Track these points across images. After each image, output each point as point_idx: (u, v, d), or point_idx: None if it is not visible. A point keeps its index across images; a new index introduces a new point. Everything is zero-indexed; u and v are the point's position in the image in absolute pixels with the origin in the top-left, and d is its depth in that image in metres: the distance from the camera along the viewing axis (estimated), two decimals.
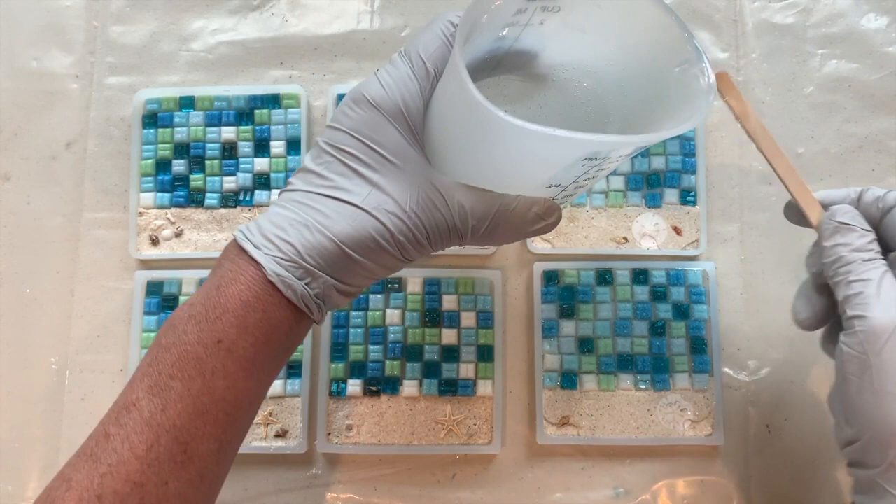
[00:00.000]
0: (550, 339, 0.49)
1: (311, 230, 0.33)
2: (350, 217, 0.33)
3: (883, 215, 0.36)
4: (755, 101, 0.53)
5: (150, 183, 0.52)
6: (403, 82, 0.33)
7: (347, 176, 0.34)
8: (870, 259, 0.35)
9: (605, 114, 0.37)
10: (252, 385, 0.34)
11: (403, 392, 0.49)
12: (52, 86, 0.54)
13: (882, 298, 0.33)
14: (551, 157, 0.31)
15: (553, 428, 0.49)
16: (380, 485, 0.49)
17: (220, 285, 0.34)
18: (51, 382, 0.50)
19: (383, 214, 0.33)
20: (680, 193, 0.51)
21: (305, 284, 0.33)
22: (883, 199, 0.36)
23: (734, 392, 0.49)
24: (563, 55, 0.36)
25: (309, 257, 0.33)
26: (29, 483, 0.49)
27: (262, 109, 0.52)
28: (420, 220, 0.34)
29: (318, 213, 0.33)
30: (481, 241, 0.36)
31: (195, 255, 0.51)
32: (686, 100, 0.32)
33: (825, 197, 0.38)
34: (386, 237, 0.33)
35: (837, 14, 0.54)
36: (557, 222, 0.36)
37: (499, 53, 0.36)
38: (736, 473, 0.49)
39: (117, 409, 0.33)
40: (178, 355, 0.33)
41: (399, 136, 0.34)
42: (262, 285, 0.33)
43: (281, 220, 0.34)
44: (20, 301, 0.51)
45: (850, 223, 0.36)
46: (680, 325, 0.49)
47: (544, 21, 0.34)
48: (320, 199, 0.33)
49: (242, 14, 0.55)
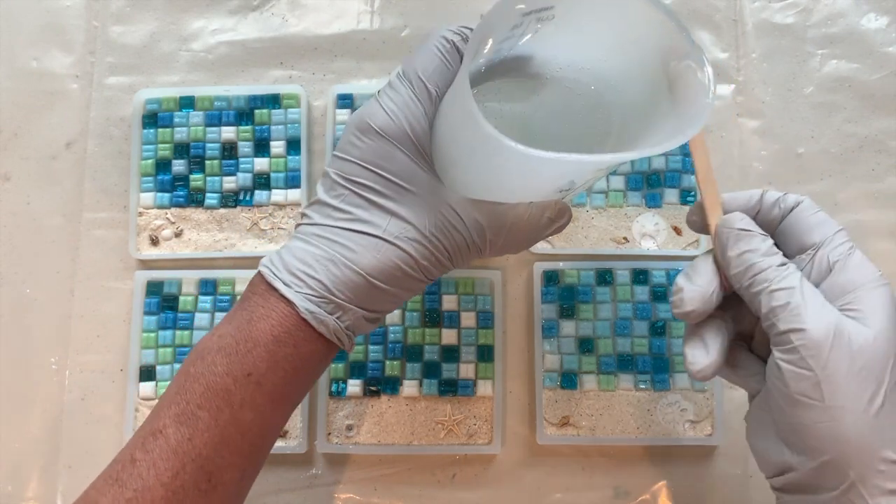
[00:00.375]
0: (550, 339, 0.49)
1: (338, 265, 0.34)
2: (374, 249, 0.34)
3: (783, 216, 0.35)
4: (755, 101, 0.53)
5: (150, 183, 0.52)
6: (407, 106, 0.34)
7: (365, 207, 0.34)
8: (782, 264, 0.32)
9: (606, 111, 0.37)
10: (278, 416, 0.35)
11: (403, 392, 0.49)
12: (52, 86, 0.54)
13: (810, 306, 0.31)
14: (560, 173, 0.32)
15: (553, 428, 0.49)
16: (380, 485, 0.49)
17: (252, 319, 0.34)
18: (51, 382, 0.50)
19: (405, 242, 0.34)
20: (680, 193, 0.51)
21: (336, 318, 0.34)
22: (783, 199, 0.35)
23: (734, 392, 0.49)
24: (559, 55, 0.36)
25: (338, 292, 0.34)
26: (29, 483, 0.49)
27: (262, 109, 0.52)
28: (441, 241, 0.34)
29: (343, 248, 0.34)
30: (500, 252, 0.37)
31: (195, 255, 0.51)
32: (685, 97, 0.32)
33: (729, 200, 0.36)
34: (410, 264, 0.34)
35: (837, 14, 0.54)
36: (569, 222, 0.37)
37: (494, 62, 0.36)
38: (736, 473, 0.48)
39: (144, 435, 0.33)
40: (207, 386, 0.33)
41: (409, 161, 0.34)
42: (294, 322, 0.34)
43: (306, 255, 0.34)
44: (20, 301, 0.51)
45: (750, 229, 0.33)
46: (680, 325, 0.49)
47: (539, 29, 0.34)
48: (342, 232, 0.34)
49: (242, 14, 0.55)
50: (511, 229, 0.35)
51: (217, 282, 0.50)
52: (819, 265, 0.33)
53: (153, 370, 0.50)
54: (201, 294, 0.50)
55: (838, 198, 0.51)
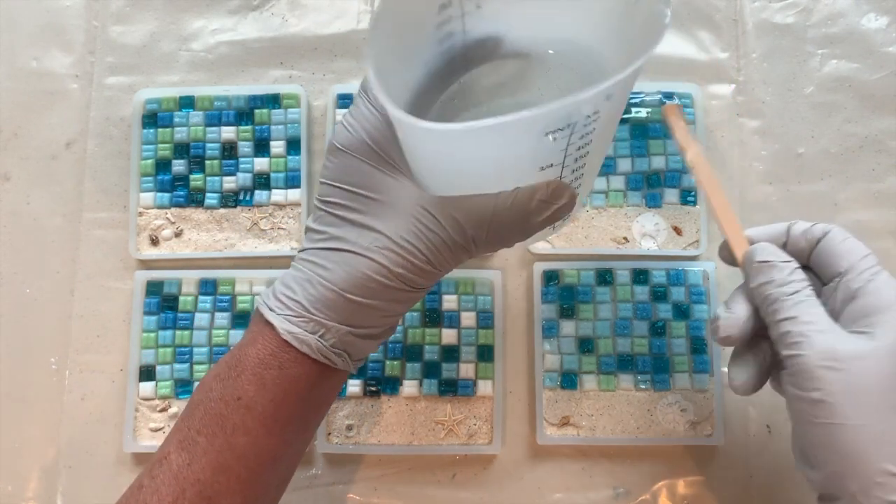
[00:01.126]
0: (550, 339, 0.49)
1: (314, 284, 0.34)
2: (345, 263, 0.34)
3: (812, 248, 0.37)
4: (755, 101, 0.53)
5: (150, 183, 0.52)
6: (365, 118, 0.34)
7: (337, 224, 0.34)
8: (792, 293, 0.34)
9: (600, 76, 0.36)
10: (274, 442, 0.35)
11: (403, 392, 0.49)
12: (52, 86, 0.54)
13: (809, 333, 0.33)
14: (507, 146, 0.29)
15: (553, 428, 0.49)
16: (380, 485, 0.49)
17: (243, 345, 0.35)
18: (51, 382, 0.50)
19: (375, 252, 0.33)
20: (680, 193, 0.51)
21: (319, 337, 0.34)
22: (810, 231, 0.36)
23: (734, 393, 0.49)
24: (528, 29, 0.35)
25: (316, 311, 0.34)
26: (29, 483, 0.49)
27: (262, 109, 0.52)
28: (415, 246, 0.33)
29: (318, 267, 0.34)
30: (491, 248, 0.35)
31: (195, 255, 0.51)
32: (644, 27, 0.30)
33: (755, 234, 0.38)
34: (383, 273, 0.33)
35: (837, 14, 0.54)
36: (572, 203, 0.34)
37: (455, 50, 0.35)
38: (736, 473, 0.48)
39: (152, 463, 0.35)
40: (205, 411, 0.34)
41: (374, 170, 0.34)
42: (277, 344, 0.34)
43: (290, 280, 0.35)
44: (20, 301, 0.51)
45: (770, 259, 0.35)
46: (680, 325, 0.49)
47: (480, 4, 0.33)
48: (318, 252, 0.34)
49: (242, 14, 0.55)
50: (493, 221, 0.33)
51: (217, 282, 0.50)
52: (844, 292, 0.35)
53: (153, 370, 0.50)
54: (201, 294, 0.50)
55: (838, 198, 0.51)
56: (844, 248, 0.36)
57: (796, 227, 0.37)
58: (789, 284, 0.35)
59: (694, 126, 0.51)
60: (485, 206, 0.33)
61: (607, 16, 0.33)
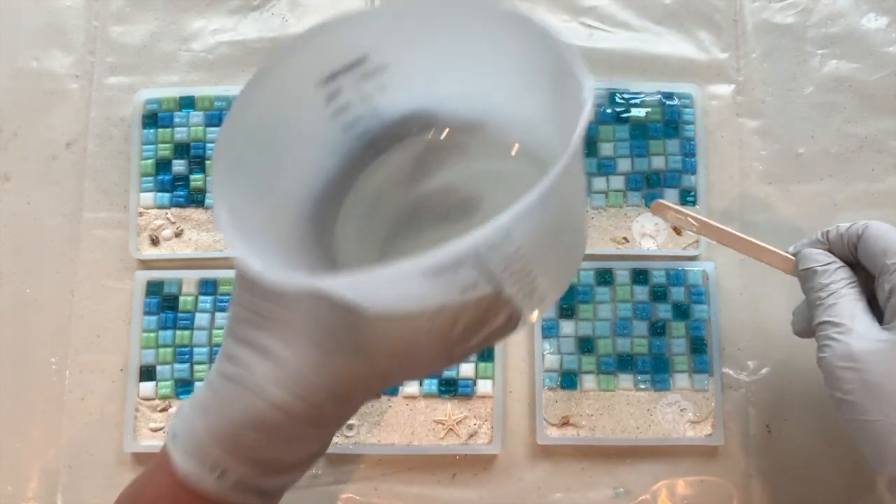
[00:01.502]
0: (550, 338, 0.49)
1: (210, 414, 0.29)
2: (241, 397, 0.28)
3: (852, 250, 0.37)
4: (755, 101, 0.53)
5: (150, 183, 0.52)
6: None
7: (238, 343, 0.29)
8: (827, 296, 0.36)
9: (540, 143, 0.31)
10: None
11: (403, 391, 0.49)
12: (52, 86, 0.54)
13: (836, 335, 0.35)
14: (399, 287, 0.24)
15: (553, 428, 0.49)
16: (380, 485, 0.49)
17: (147, 473, 0.31)
18: (51, 382, 0.50)
19: (272, 384, 0.28)
20: (680, 193, 0.51)
21: (218, 477, 0.29)
22: (847, 233, 0.37)
23: (734, 392, 0.49)
24: (457, 101, 0.31)
25: (214, 445, 0.28)
26: (29, 483, 0.49)
27: None
28: (318, 378, 0.28)
29: (216, 395, 0.29)
30: (413, 377, 0.32)
31: (195, 255, 0.51)
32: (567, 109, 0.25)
33: (798, 246, 0.40)
34: (285, 408, 0.28)
35: (837, 14, 0.54)
36: (514, 323, 0.28)
37: (374, 131, 0.32)
38: (736, 473, 0.48)
39: None
40: None
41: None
42: (176, 480, 0.29)
43: (197, 402, 0.30)
44: (20, 301, 0.51)
45: (810, 265, 0.38)
46: (680, 325, 0.49)
47: (384, 86, 0.30)
48: (217, 378, 0.29)
49: (242, 14, 0.55)
50: (408, 351, 0.27)
51: (217, 282, 0.50)
52: (882, 290, 0.36)
53: (153, 370, 0.50)
54: (201, 294, 0.50)
55: (838, 198, 0.51)
56: (885, 242, 0.36)
57: (833, 232, 0.38)
58: (825, 288, 0.37)
59: (693, 139, 0.51)
60: (396, 332, 0.27)
61: (530, 89, 0.29)
